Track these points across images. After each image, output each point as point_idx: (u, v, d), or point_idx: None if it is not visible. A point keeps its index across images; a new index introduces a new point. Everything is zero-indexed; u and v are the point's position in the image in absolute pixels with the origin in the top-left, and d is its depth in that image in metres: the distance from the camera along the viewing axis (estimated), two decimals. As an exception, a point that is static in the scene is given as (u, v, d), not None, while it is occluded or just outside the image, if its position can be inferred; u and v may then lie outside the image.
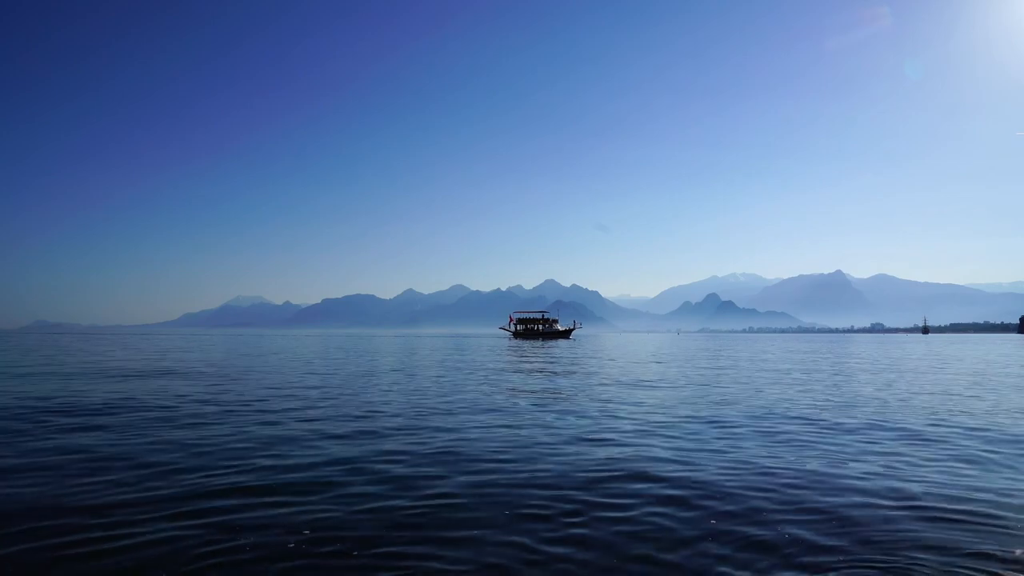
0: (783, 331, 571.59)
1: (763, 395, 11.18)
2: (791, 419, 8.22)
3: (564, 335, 70.47)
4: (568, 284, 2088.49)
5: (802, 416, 8.49)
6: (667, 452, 6.04)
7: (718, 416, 8.41)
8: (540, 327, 70.24)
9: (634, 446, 6.31)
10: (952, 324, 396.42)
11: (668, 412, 8.80)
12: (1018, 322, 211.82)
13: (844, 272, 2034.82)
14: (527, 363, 21.48)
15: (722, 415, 8.52)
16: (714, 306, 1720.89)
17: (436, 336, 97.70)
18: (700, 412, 8.82)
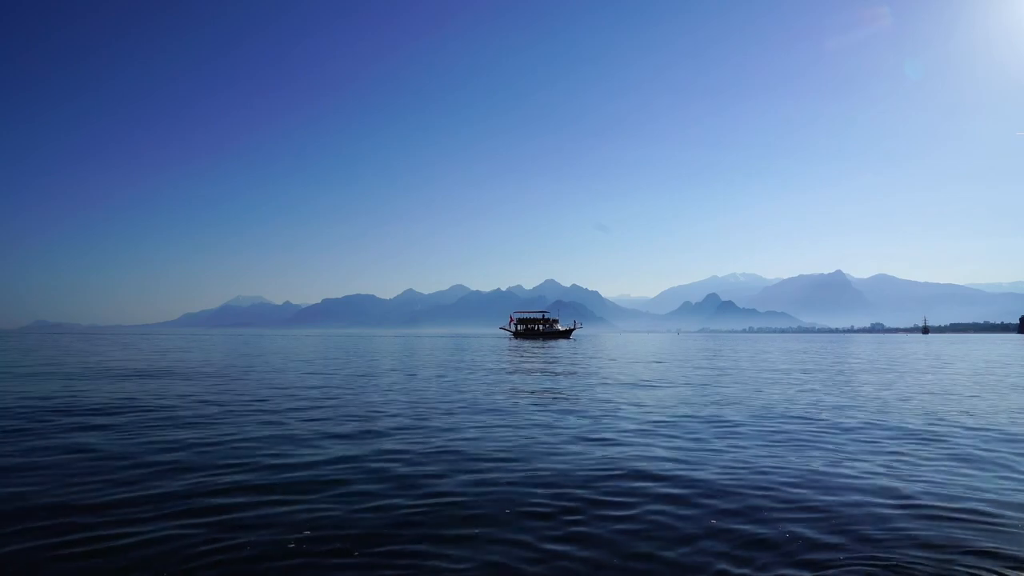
0: (783, 331, 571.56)
1: (763, 395, 11.23)
2: (791, 419, 8.26)
3: (564, 335, 70.43)
4: (568, 284, 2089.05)
5: (802, 416, 8.54)
6: (667, 452, 6.08)
7: (718, 416, 8.47)
8: (541, 327, 70.21)
9: (634, 445, 6.35)
10: (952, 324, 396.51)
11: (668, 412, 8.85)
12: (1018, 322, 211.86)
13: (844, 272, 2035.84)
14: (528, 363, 21.48)
15: (722, 415, 8.57)
16: (714, 306, 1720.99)
17: (436, 336, 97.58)
18: (700, 412, 8.87)
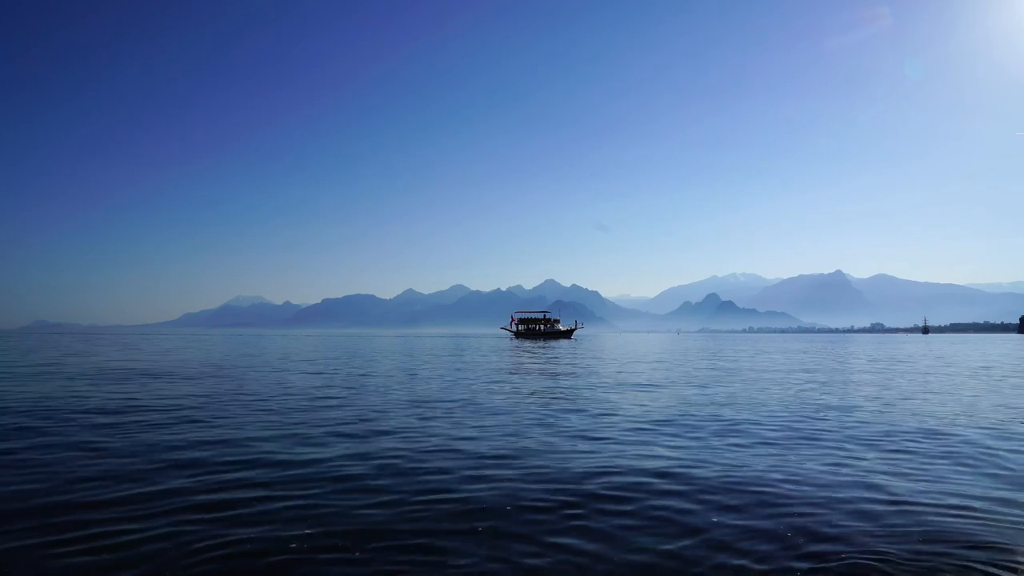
0: (783, 331, 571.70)
1: (763, 395, 11.28)
2: (791, 419, 8.33)
3: (565, 335, 70.56)
4: (568, 284, 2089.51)
5: (802, 416, 8.60)
6: (667, 450, 6.14)
7: (718, 416, 8.53)
8: (542, 327, 70.34)
9: (635, 444, 6.40)
10: (952, 324, 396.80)
11: (669, 412, 8.91)
12: (1018, 322, 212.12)
13: (844, 272, 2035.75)
14: (529, 363, 21.52)
15: (723, 415, 8.63)
16: (714, 306, 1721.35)
17: (436, 336, 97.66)
18: (701, 412, 8.94)
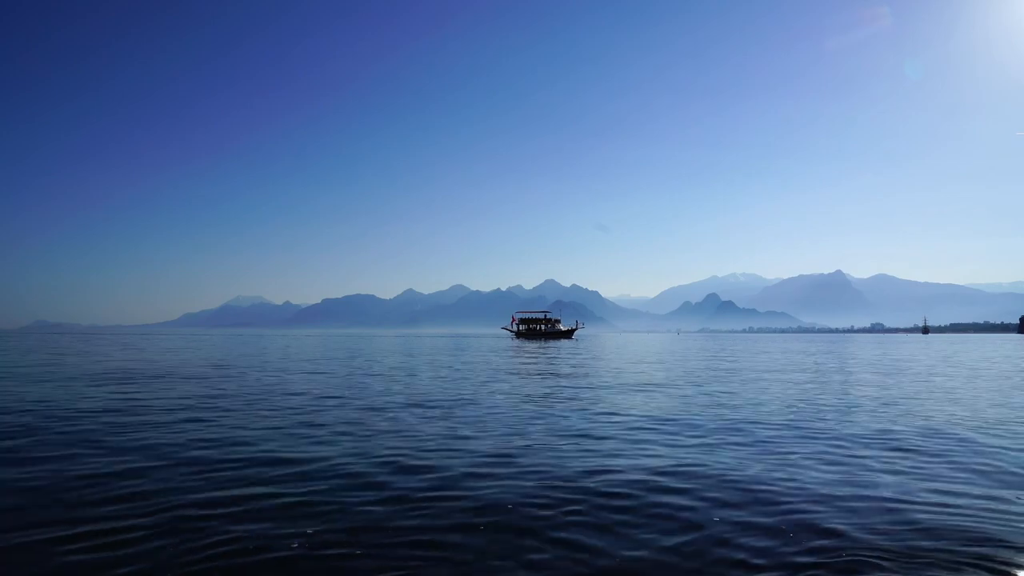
0: (783, 331, 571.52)
1: (763, 395, 11.31)
2: (791, 419, 8.34)
3: (566, 335, 70.56)
4: (568, 284, 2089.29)
5: (802, 416, 8.62)
6: (667, 449, 6.16)
7: (719, 415, 8.57)
8: (542, 327, 70.35)
9: (635, 443, 6.44)
10: (952, 324, 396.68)
11: (669, 411, 8.93)
12: (1018, 322, 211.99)
13: (844, 272, 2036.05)
14: (529, 363, 21.53)
15: (723, 414, 8.66)
16: (714, 306, 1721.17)
17: (436, 336, 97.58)
18: (701, 411, 8.96)
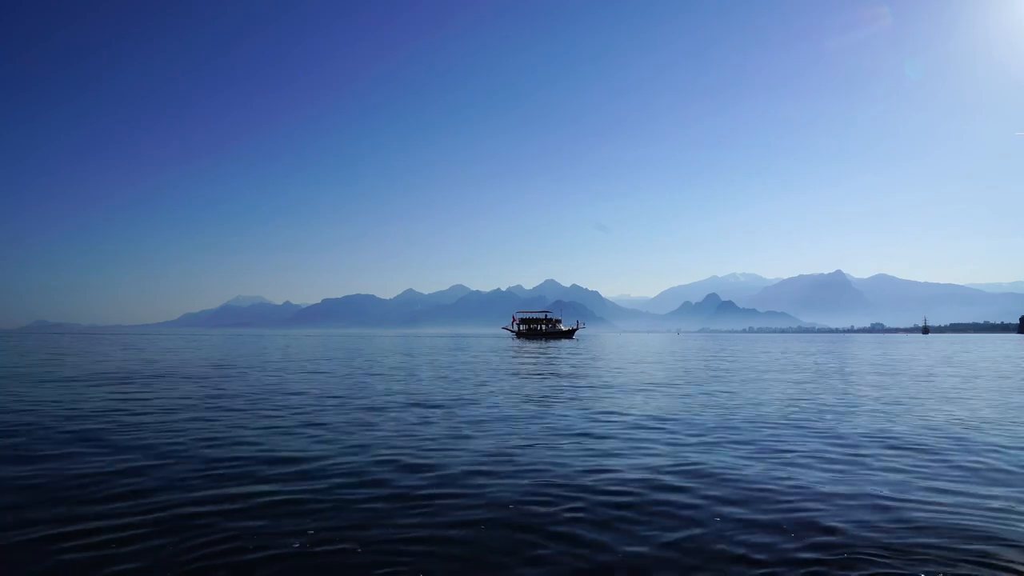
0: (783, 331, 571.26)
1: (763, 395, 11.32)
2: (790, 418, 8.38)
3: (567, 335, 70.46)
4: (568, 284, 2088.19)
5: (801, 416, 8.66)
6: (667, 448, 6.20)
7: (719, 415, 8.61)
8: (543, 327, 70.22)
9: (636, 442, 6.47)
10: (952, 324, 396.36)
11: (669, 411, 8.96)
12: (1018, 322, 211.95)
13: (844, 272, 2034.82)
14: (530, 363, 21.58)
15: (723, 414, 8.70)
16: (714, 306, 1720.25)
17: (436, 336, 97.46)
18: (701, 411, 8.99)
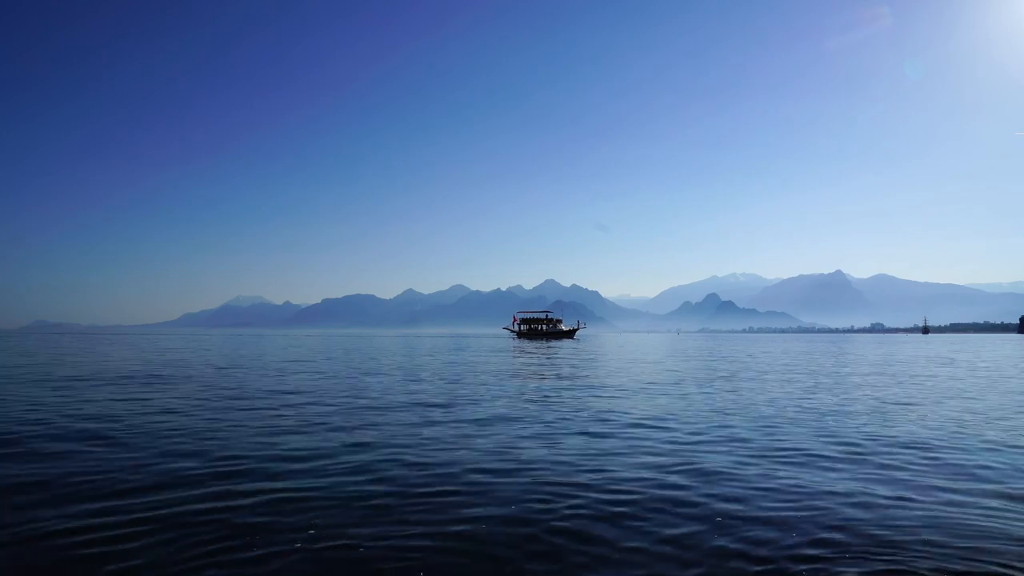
0: (783, 331, 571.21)
1: (763, 395, 11.34)
2: (792, 419, 8.37)
3: (568, 335, 70.42)
4: (568, 284, 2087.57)
5: (802, 416, 8.65)
6: (668, 447, 6.23)
7: (720, 415, 8.64)
8: (544, 327, 70.15)
9: (636, 442, 6.49)
10: (952, 324, 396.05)
11: (670, 411, 8.98)
12: (1018, 322, 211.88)
13: (844, 272, 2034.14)
14: (531, 363, 21.60)
15: (724, 415, 8.72)
16: (714, 306, 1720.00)
17: (437, 336, 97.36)
18: (702, 411, 9.03)
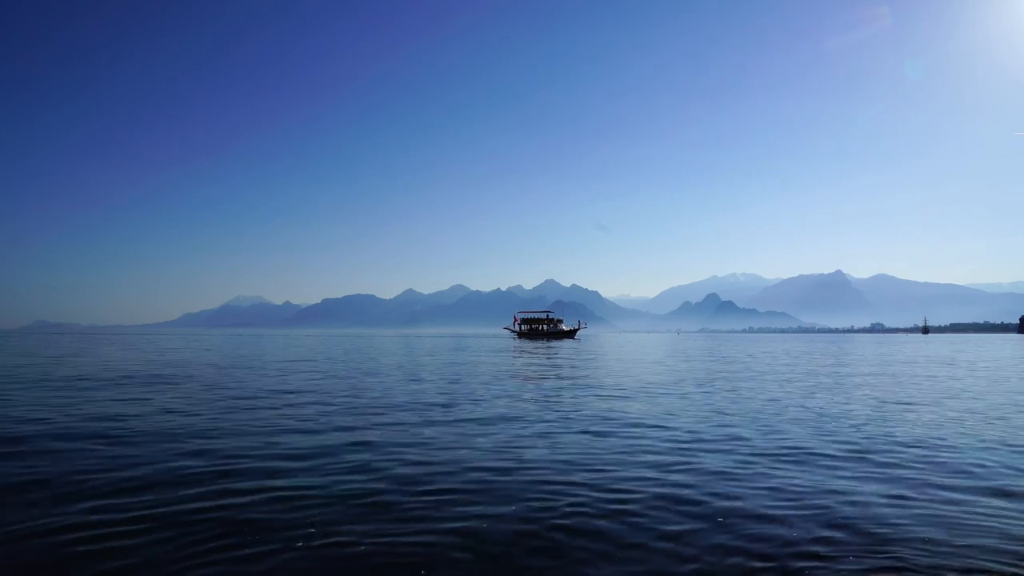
0: (783, 331, 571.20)
1: (764, 396, 11.34)
2: (792, 418, 8.41)
3: (569, 335, 70.41)
4: (568, 284, 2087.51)
5: (803, 417, 8.69)
6: (668, 446, 6.24)
7: (720, 415, 8.65)
8: (545, 327, 70.13)
9: (637, 441, 6.51)
10: (952, 324, 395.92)
11: (670, 410, 8.97)
12: (1018, 322, 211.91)
13: (844, 272, 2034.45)
14: (532, 363, 21.61)
15: (724, 415, 8.73)
16: (714, 306, 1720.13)
17: (437, 336, 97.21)
18: (702, 411, 9.01)
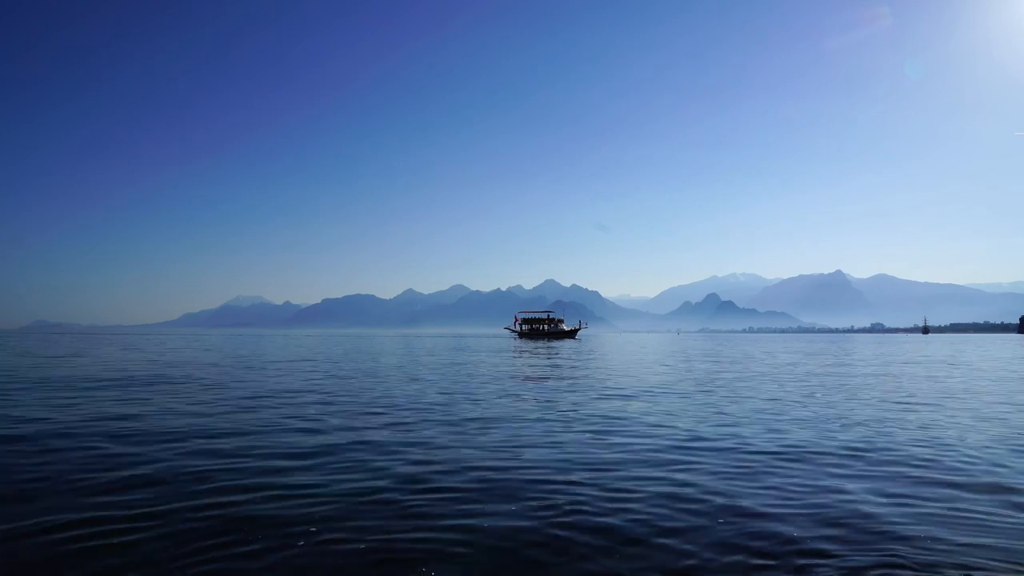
0: (783, 331, 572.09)
1: (764, 395, 11.40)
2: (792, 418, 8.34)
3: (570, 335, 70.46)
4: (568, 284, 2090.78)
5: (803, 416, 8.59)
6: (668, 444, 6.26)
7: (719, 415, 8.60)
8: (546, 327, 70.19)
9: (637, 439, 6.50)
10: (952, 324, 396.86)
11: (671, 410, 8.94)
12: (1018, 322, 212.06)
13: (844, 272, 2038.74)
14: (533, 363, 21.57)
15: (724, 414, 8.67)
16: (714, 306, 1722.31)
17: (437, 336, 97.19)
18: (702, 410, 9.00)
